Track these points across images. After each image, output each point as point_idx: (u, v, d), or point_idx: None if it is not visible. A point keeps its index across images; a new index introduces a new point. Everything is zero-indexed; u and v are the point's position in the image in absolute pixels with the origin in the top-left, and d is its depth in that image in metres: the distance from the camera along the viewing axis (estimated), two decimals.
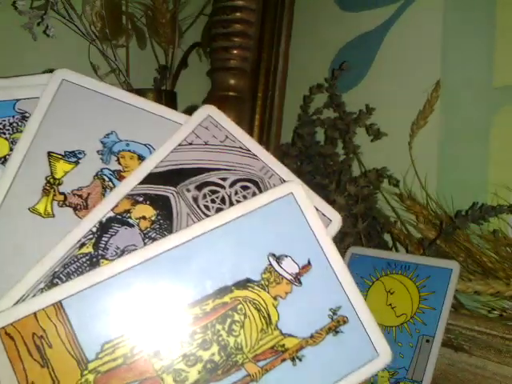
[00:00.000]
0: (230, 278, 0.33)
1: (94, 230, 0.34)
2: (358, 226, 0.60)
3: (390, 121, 0.65)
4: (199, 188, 0.37)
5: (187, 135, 0.38)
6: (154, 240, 0.35)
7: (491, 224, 0.54)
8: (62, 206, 0.35)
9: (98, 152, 0.37)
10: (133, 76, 0.68)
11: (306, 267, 0.34)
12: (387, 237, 0.63)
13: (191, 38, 0.77)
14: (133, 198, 0.36)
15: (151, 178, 0.36)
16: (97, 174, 0.37)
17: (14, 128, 0.37)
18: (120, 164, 0.37)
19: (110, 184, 0.37)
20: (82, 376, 0.30)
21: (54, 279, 0.33)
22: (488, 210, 0.52)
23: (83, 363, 0.30)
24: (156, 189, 0.36)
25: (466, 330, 0.47)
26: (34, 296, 0.32)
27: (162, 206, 0.36)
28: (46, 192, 0.35)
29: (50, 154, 0.36)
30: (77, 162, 0.37)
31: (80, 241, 0.34)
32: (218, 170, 0.38)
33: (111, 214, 0.35)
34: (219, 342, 0.32)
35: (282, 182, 0.38)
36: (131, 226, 0.35)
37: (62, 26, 0.63)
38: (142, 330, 0.31)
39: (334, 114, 0.66)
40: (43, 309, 0.30)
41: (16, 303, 0.31)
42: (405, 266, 0.50)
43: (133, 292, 0.32)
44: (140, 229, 0.35)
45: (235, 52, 0.69)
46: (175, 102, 0.69)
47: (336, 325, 0.34)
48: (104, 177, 0.37)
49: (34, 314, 0.30)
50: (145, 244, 0.35)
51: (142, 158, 0.38)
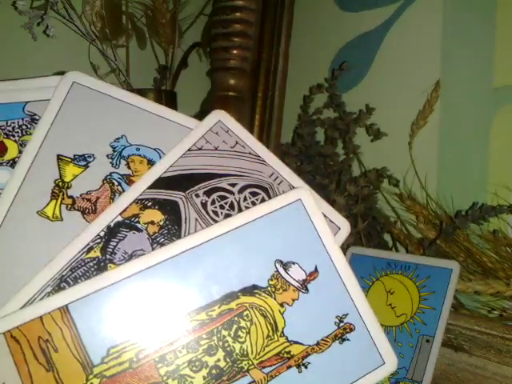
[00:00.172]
0: (236, 284, 0.33)
1: (102, 234, 0.34)
2: (358, 226, 0.60)
3: (389, 121, 0.65)
4: (208, 193, 0.37)
5: (197, 140, 0.38)
6: (162, 245, 0.35)
7: (491, 224, 0.54)
8: (70, 210, 0.35)
9: (107, 156, 0.37)
10: (133, 76, 0.68)
11: (313, 274, 0.34)
12: (387, 237, 0.63)
13: (191, 38, 0.77)
14: (141, 203, 0.36)
15: (160, 183, 0.36)
16: (106, 178, 0.37)
17: (23, 130, 0.37)
18: (129, 168, 0.37)
19: (119, 188, 0.37)
20: (88, 380, 0.30)
21: (62, 283, 0.33)
22: (488, 210, 0.52)
23: (88, 367, 0.30)
24: (165, 194, 0.36)
25: (466, 330, 0.48)
26: (40, 299, 0.32)
27: (171, 211, 0.36)
28: (54, 195, 0.35)
29: (59, 157, 0.36)
30: (86, 166, 0.37)
31: (88, 245, 0.34)
32: (228, 175, 0.38)
33: (119, 219, 0.35)
34: (225, 347, 0.32)
35: (292, 188, 0.38)
36: (139, 230, 0.35)
37: (62, 26, 0.63)
38: (148, 335, 0.31)
39: (334, 114, 0.66)
40: (49, 312, 0.30)
41: (23, 306, 0.31)
42: (405, 266, 0.50)
43: (139, 297, 0.32)
44: (148, 234, 0.35)
45: (235, 52, 0.69)
46: (175, 102, 0.69)
47: (342, 332, 0.34)
48: (113, 181, 0.37)
49: (40, 317, 0.30)
50: (153, 249, 0.35)
51: (151, 163, 0.37)
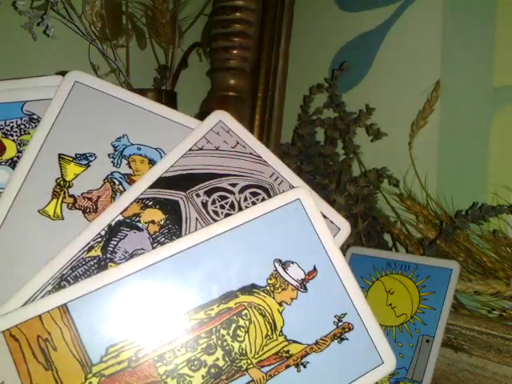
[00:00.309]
0: (235, 284, 0.33)
1: (103, 233, 0.34)
2: (358, 226, 0.60)
3: (390, 121, 0.65)
4: (209, 193, 0.37)
5: (198, 140, 0.38)
6: (162, 244, 0.35)
7: (491, 224, 0.54)
8: (71, 209, 0.35)
9: (108, 155, 0.37)
10: (133, 76, 0.68)
11: (311, 273, 0.34)
12: (387, 237, 0.63)
13: (191, 38, 0.77)
14: (142, 202, 0.36)
15: (161, 183, 0.36)
16: (107, 178, 0.37)
17: (21, 130, 0.37)
18: (130, 168, 0.37)
19: (120, 188, 0.37)
20: (86, 379, 0.30)
21: (62, 282, 0.33)
22: (488, 210, 0.52)
23: (87, 366, 0.30)
24: (166, 193, 0.36)
25: (466, 330, 0.48)
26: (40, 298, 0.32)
27: (171, 210, 0.36)
28: (55, 194, 0.35)
29: (60, 156, 0.36)
30: (87, 165, 0.37)
31: (88, 244, 0.34)
32: (228, 175, 0.38)
33: (120, 218, 0.35)
34: (224, 346, 0.32)
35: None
36: (140, 229, 0.35)
37: (62, 26, 0.63)
38: (147, 334, 0.31)
39: (334, 114, 0.66)
40: (48, 311, 0.30)
41: (24, 305, 0.31)
42: (405, 266, 0.50)
43: (138, 296, 0.32)
44: (149, 233, 0.35)
45: (235, 52, 0.69)
46: (175, 102, 0.69)
47: (341, 332, 0.34)
48: (114, 180, 0.37)
49: (40, 316, 0.30)
50: (153, 248, 0.35)
51: (152, 162, 0.38)
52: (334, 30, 0.73)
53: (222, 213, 0.37)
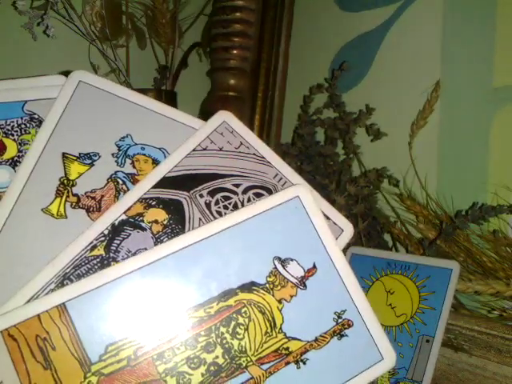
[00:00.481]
0: (235, 281, 0.33)
1: (106, 232, 0.34)
2: (358, 226, 0.60)
3: (390, 121, 0.65)
4: (212, 194, 0.37)
5: (202, 140, 0.38)
6: None
7: (491, 224, 0.54)
8: (74, 208, 0.35)
9: (112, 155, 0.37)
10: (133, 76, 0.68)
11: (311, 270, 0.34)
12: (387, 237, 0.63)
13: (191, 38, 0.77)
14: (146, 202, 0.36)
15: (165, 183, 0.36)
16: (111, 177, 0.37)
17: (22, 129, 0.37)
18: (134, 167, 0.37)
19: (124, 187, 0.37)
20: (85, 378, 0.30)
21: (65, 280, 0.33)
22: (488, 210, 0.52)
23: (86, 365, 0.30)
24: (169, 193, 0.36)
25: (466, 330, 0.48)
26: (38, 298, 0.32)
27: (175, 210, 0.36)
28: (59, 193, 0.35)
29: (64, 155, 0.36)
30: (91, 164, 0.37)
31: (92, 243, 0.34)
32: (232, 176, 0.38)
33: (124, 217, 0.35)
34: (223, 344, 0.32)
35: None
36: (143, 229, 0.35)
37: (62, 26, 0.63)
38: (146, 332, 0.31)
39: (334, 114, 0.66)
40: (47, 311, 0.30)
41: (26, 303, 0.31)
42: (405, 266, 0.50)
43: (137, 294, 0.32)
44: (152, 232, 0.35)
45: (235, 52, 0.69)
46: (175, 102, 0.69)
47: (341, 328, 0.34)
48: (118, 180, 0.37)
49: (38, 315, 0.30)
50: None
51: (156, 162, 0.38)
52: (334, 30, 0.73)
53: (226, 213, 0.37)
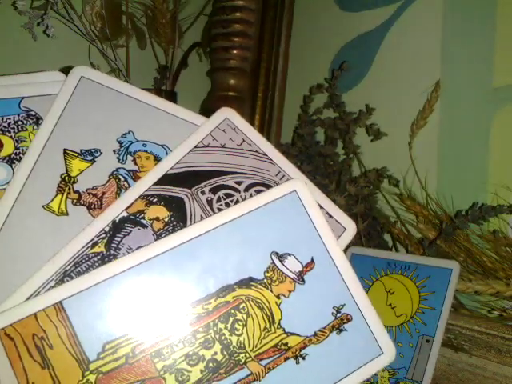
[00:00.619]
0: (232, 277, 0.33)
1: (107, 229, 0.34)
2: (358, 226, 0.60)
3: (390, 121, 0.65)
4: (214, 191, 0.37)
5: (204, 137, 0.38)
6: None
7: (491, 224, 0.54)
8: (76, 205, 0.35)
9: (114, 151, 0.37)
10: (133, 76, 0.68)
11: (309, 265, 0.34)
12: (387, 237, 0.63)
13: (191, 38, 0.77)
14: (147, 199, 0.35)
15: (166, 180, 0.36)
16: (112, 174, 0.36)
17: (18, 126, 0.37)
18: (136, 164, 0.37)
19: (126, 184, 0.36)
20: (84, 377, 0.30)
21: (65, 277, 0.32)
22: (488, 210, 0.52)
23: (84, 364, 0.30)
24: (171, 190, 0.36)
25: (466, 330, 0.47)
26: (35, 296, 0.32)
27: (176, 207, 0.36)
28: (60, 190, 0.35)
29: (65, 152, 0.36)
30: (93, 161, 0.36)
31: (92, 240, 0.34)
32: (234, 173, 0.38)
33: (125, 214, 0.35)
34: (222, 340, 0.32)
35: None
36: (144, 226, 0.35)
37: (62, 26, 0.63)
38: (144, 330, 0.31)
39: (334, 114, 0.66)
40: (43, 309, 0.30)
41: (26, 300, 0.31)
42: (405, 266, 0.50)
43: (135, 291, 0.32)
44: (153, 230, 0.35)
45: (235, 52, 0.69)
46: (175, 102, 0.68)
47: (340, 323, 0.34)
48: (120, 176, 0.36)
49: (34, 314, 0.30)
50: None
51: (158, 159, 0.37)
52: (334, 29, 0.73)
53: None
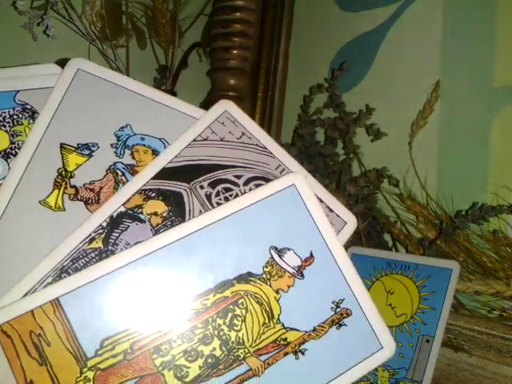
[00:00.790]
0: (231, 272, 0.33)
1: (105, 224, 0.34)
2: (358, 225, 0.60)
3: (389, 121, 0.65)
4: (213, 185, 0.36)
5: (203, 130, 0.37)
6: None
7: (491, 224, 0.54)
8: (73, 200, 0.35)
9: (111, 145, 0.36)
10: (133, 76, 0.67)
11: (308, 260, 0.34)
12: (387, 237, 0.63)
13: (191, 38, 0.77)
14: (145, 194, 0.35)
15: (164, 174, 0.36)
16: (110, 168, 0.36)
17: (14, 120, 0.36)
18: (134, 158, 0.37)
19: (123, 178, 0.36)
20: (82, 373, 0.30)
21: (63, 273, 0.32)
22: (488, 210, 0.52)
23: (82, 360, 0.30)
24: (169, 184, 0.36)
25: (466, 330, 0.47)
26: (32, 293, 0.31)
27: (175, 202, 0.35)
28: (57, 185, 0.35)
29: (62, 146, 0.36)
30: (90, 155, 0.36)
31: (90, 235, 0.33)
32: (233, 167, 0.37)
33: (122, 209, 0.34)
34: (220, 336, 0.32)
35: None
36: (142, 221, 0.35)
37: (62, 26, 0.63)
38: (142, 326, 0.31)
39: (334, 114, 0.66)
40: (40, 306, 0.30)
41: (23, 297, 0.31)
42: (405, 266, 0.50)
43: (132, 287, 0.31)
44: (151, 225, 0.35)
45: (235, 52, 0.69)
46: None
47: (339, 317, 0.33)
48: (117, 171, 0.36)
49: (31, 311, 0.30)
50: None
51: (156, 153, 0.37)
52: (333, 29, 0.73)
53: None
